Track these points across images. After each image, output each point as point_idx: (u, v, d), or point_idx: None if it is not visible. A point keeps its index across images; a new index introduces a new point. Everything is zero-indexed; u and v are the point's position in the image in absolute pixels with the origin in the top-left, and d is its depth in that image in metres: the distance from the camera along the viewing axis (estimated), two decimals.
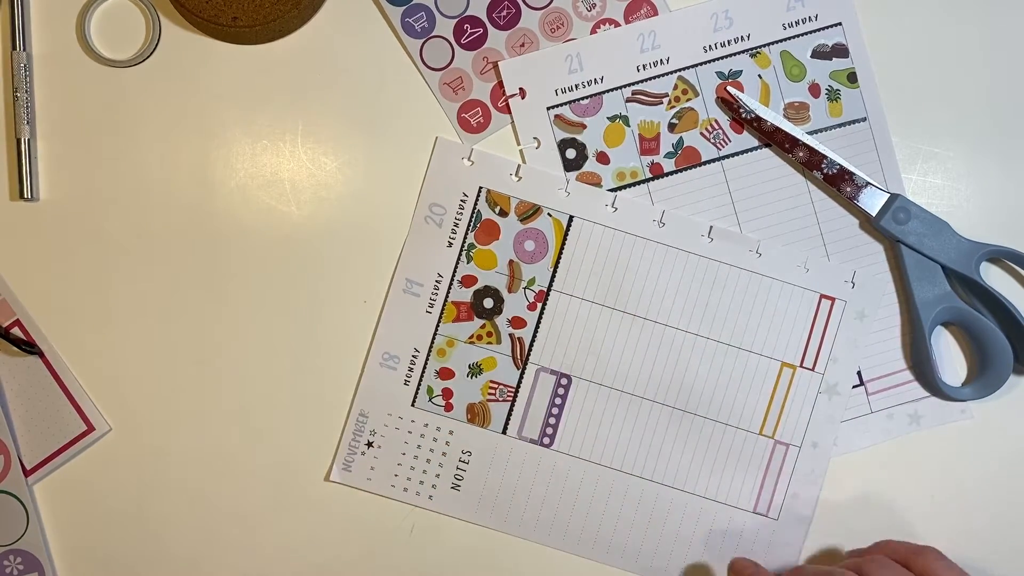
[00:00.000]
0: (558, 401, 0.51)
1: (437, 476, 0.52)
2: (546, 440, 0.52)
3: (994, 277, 0.53)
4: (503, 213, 0.51)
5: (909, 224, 0.51)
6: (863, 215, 0.52)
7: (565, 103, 0.53)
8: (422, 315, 0.51)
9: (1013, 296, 0.51)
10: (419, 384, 0.52)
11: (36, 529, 0.51)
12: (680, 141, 0.53)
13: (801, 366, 0.52)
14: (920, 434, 0.52)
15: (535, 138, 0.53)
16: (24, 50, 0.53)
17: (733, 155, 0.53)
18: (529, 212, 0.51)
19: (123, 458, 0.52)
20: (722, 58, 0.53)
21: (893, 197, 0.51)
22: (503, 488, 0.51)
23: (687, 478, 0.51)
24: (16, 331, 0.52)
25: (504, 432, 0.52)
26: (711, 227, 0.52)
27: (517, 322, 0.52)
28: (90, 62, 0.53)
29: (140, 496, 0.52)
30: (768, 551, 0.51)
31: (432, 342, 0.52)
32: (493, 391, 0.52)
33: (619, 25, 0.53)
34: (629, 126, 0.53)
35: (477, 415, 0.52)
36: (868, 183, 0.52)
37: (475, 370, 0.52)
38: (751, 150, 0.53)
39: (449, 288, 0.51)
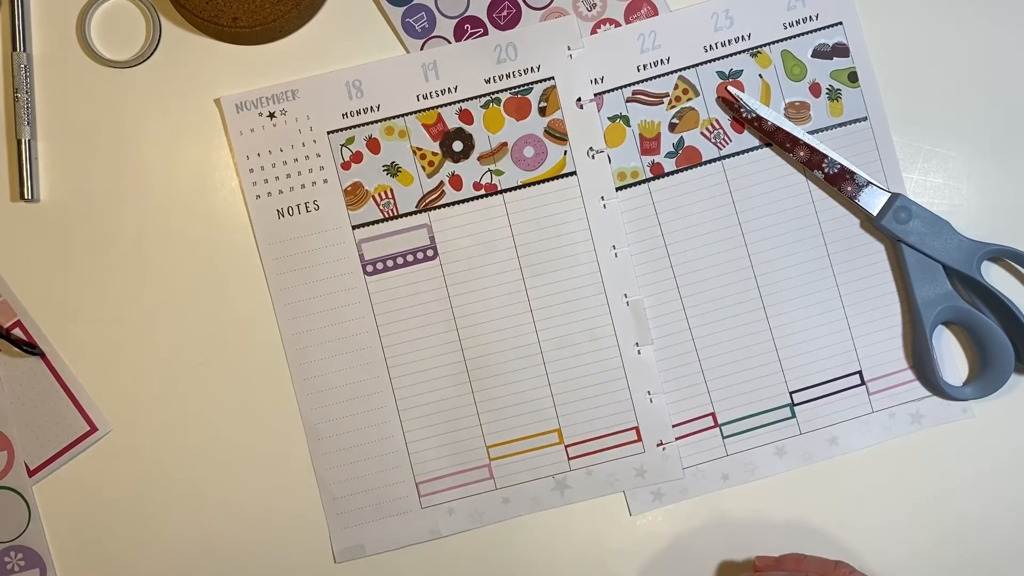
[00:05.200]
0: None
1: None
2: None
3: (995, 276, 0.53)
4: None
5: (910, 223, 0.51)
6: (864, 214, 0.52)
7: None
8: None
9: (1014, 295, 0.51)
10: None
11: (37, 525, 0.51)
12: (681, 141, 0.53)
13: None
14: (921, 434, 0.52)
15: None
16: (24, 51, 0.53)
17: (734, 155, 0.53)
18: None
19: (124, 458, 0.52)
20: (723, 58, 0.53)
21: (894, 196, 0.51)
22: None
23: None
24: (17, 332, 0.52)
25: None
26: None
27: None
28: (90, 62, 0.53)
29: (140, 496, 0.52)
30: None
31: None
32: None
33: (619, 25, 0.53)
34: (630, 126, 0.53)
35: None
36: (869, 182, 0.52)
37: None
38: (752, 150, 0.53)
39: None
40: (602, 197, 0.52)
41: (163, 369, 0.52)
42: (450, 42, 0.53)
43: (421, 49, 0.53)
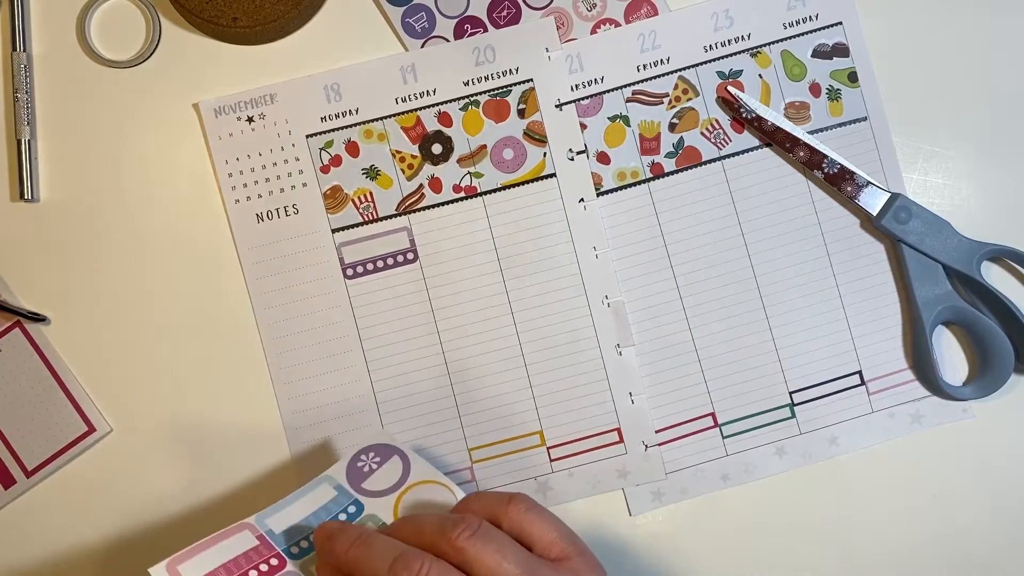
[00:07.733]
0: None
1: None
2: None
3: (995, 276, 0.53)
4: None
5: (910, 223, 0.51)
6: (864, 214, 0.52)
7: (566, 103, 0.53)
8: None
9: (1014, 295, 0.51)
10: None
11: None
12: (681, 141, 0.53)
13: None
14: (921, 433, 0.52)
15: None
16: (24, 51, 0.53)
17: (734, 155, 0.53)
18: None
19: (123, 459, 0.52)
20: (722, 58, 0.53)
21: (894, 196, 0.51)
22: None
23: None
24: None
25: None
26: None
27: None
28: (90, 62, 0.53)
29: (137, 495, 0.52)
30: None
31: None
32: None
33: (619, 25, 0.53)
34: (630, 126, 0.53)
35: None
36: (869, 182, 0.52)
37: None
38: (752, 150, 0.53)
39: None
40: (582, 199, 0.52)
41: (163, 369, 0.52)
42: (450, 42, 0.53)
43: (422, 48, 0.53)
